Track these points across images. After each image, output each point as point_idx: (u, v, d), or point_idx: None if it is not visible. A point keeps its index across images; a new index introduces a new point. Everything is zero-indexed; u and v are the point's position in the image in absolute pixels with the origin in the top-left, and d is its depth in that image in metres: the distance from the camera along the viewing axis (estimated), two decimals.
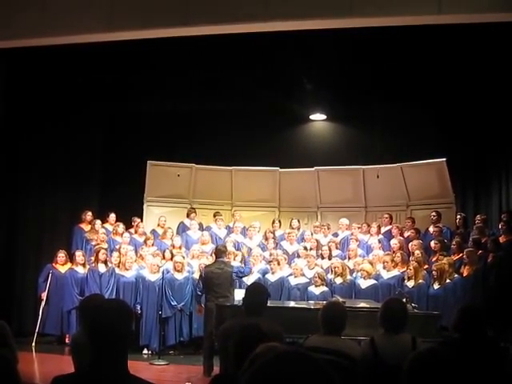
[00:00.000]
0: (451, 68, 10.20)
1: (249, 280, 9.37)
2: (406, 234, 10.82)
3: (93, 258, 10.36)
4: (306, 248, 10.66)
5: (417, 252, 9.69)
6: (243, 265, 9.99)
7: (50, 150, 11.41)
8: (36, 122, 10.99)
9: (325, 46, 9.81)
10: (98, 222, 11.31)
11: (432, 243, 10.06)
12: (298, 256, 10.65)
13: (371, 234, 11.18)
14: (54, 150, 11.48)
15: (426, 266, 9.56)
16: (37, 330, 9.99)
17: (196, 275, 9.84)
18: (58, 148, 11.54)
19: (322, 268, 10.12)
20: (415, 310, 7.81)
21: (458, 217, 10.82)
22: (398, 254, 9.88)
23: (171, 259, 10.14)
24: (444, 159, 11.15)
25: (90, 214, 11.43)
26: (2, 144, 9.82)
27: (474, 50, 9.41)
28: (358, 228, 11.32)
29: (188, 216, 11.90)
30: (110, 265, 10.15)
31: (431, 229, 10.81)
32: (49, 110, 11.10)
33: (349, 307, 6.02)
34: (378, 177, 11.97)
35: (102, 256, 10.10)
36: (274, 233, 11.37)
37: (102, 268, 10.09)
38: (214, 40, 7.99)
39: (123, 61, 10.27)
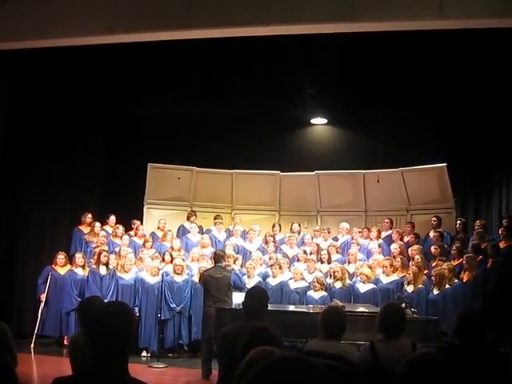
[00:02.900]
0: (452, 73, 10.22)
1: (249, 283, 9.36)
2: (406, 239, 10.81)
3: (93, 260, 10.35)
4: (305, 252, 10.65)
5: (417, 257, 9.67)
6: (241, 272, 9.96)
7: (52, 152, 11.42)
8: (38, 124, 11.00)
9: (326, 51, 9.84)
10: (98, 224, 11.30)
11: (432, 248, 10.05)
12: (298, 260, 10.64)
13: (371, 239, 11.17)
14: (56, 153, 11.49)
15: (426, 271, 9.54)
16: (36, 331, 9.97)
17: (195, 278, 9.86)
18: (60, 150, 11.55)
19: (321, 272, 10.12)
20: (415, 315, 7.80)
21: (458, 222, 10.81)
22: (398, 259, 9.86)
23: (171, 262, 10.14)
24: (444, 164, 11.15)
25: (89, 216, 11.42)
26: (4, 146, 9.82)
27: (475, 55, 9.44)
28: (359, 232, 11.31)
29: (188, 219, 11.91)
30: (111, 267, 10.14)
31: (431, 234, 10.80)
32: (50, 113, 11.11)
33: (348, 311, 6.01)
34: (378, 181, 11.97)
35: (103, 258, 10.09)
36: (274, 236, 11.36)
37: (102, 270, 10.08)
38: (215, 44, 8.01)
39: (125, 64, 10.30)
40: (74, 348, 4.29)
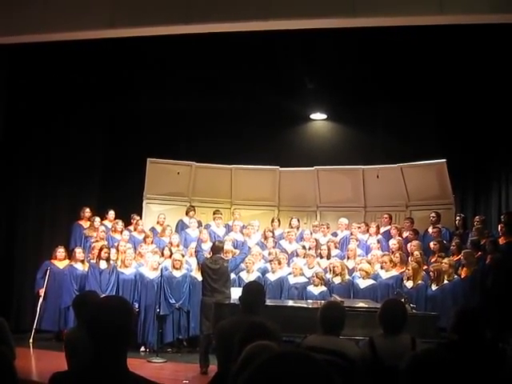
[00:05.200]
0: (452, 69, 10.19)
1: (248, 279, 9.38)
2: (405, 235, 10.81)
3: (91, 255, 10.34)
4: (304, 247, 10.65)
5: (416, 253, 9.67)
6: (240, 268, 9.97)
7: (51, 146, 11.41)
8: (37, 118, 10.97)
9: (326, 46, 9.80)
10: (97, 219, 11.30)
11: (431, 244, 10.05)
12: (297, 255, 10.64)
13: (370, 234, 11.17)
14: (55, 147, 11.47)
15: (425, 267, 9.55)
16: (34, 326, 9.97)
17: (194, 273, 9.88)
18: (59, 145, 11.53)
19: (320, 267, 10.12)
20: (413, 311, 7.81)
21: (458, 218, 10.81)
22: (397, 255, 9.87)
23: (170, 257, 10.14)
24: (444, 160, 11.14)
25: (88, 210, 11.43)
26: (3, 141, 9.80)
27: (475, 50, 9.41)
28: (358, 228, 11.31)
29: (187, 214, 11.90)
30: (112, 262, 10.13)
31: (430, 229, 10.80)
32: (50, 107, 11.08)
33: (347, 307, 6.01)
34: (377, 177, 11.96)
35: (104, 254, 10.07)
36: (273, 232, 11.35)
37: (103, 265, 10.07)
38: (215, 38, 7.98)
39: (124, 59, 10.26)
40: (69, 343, 4.28)
